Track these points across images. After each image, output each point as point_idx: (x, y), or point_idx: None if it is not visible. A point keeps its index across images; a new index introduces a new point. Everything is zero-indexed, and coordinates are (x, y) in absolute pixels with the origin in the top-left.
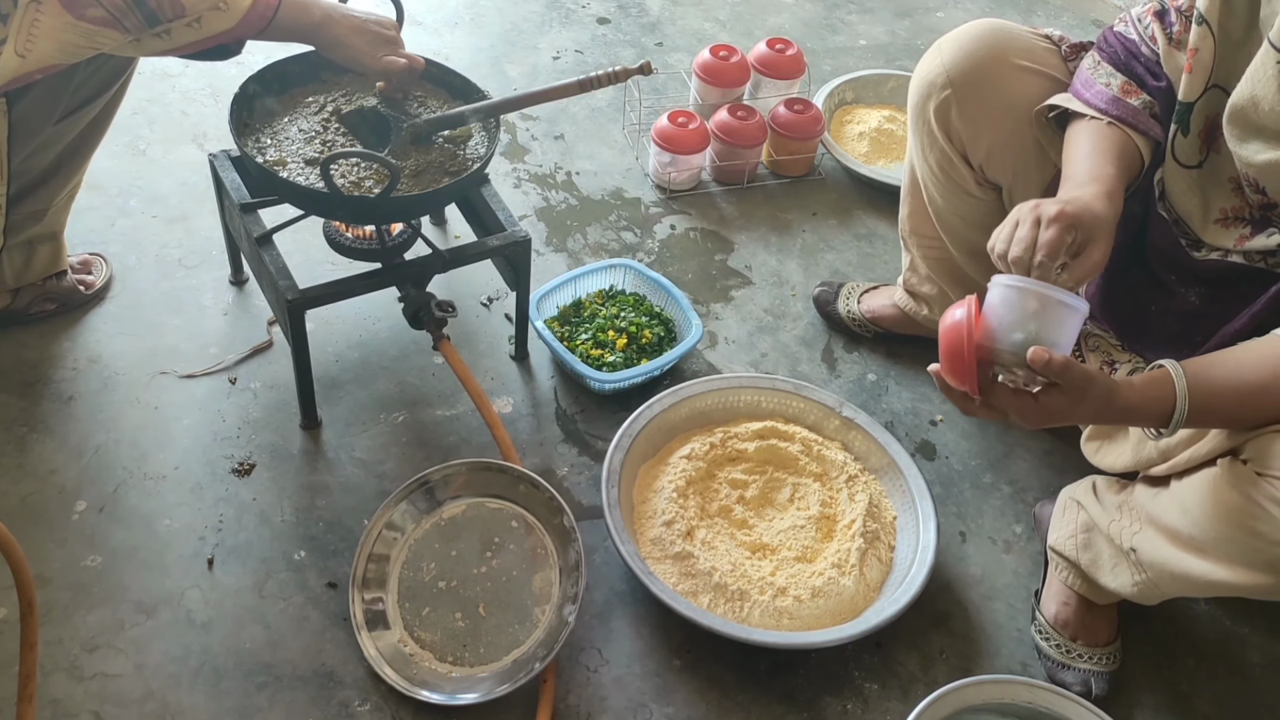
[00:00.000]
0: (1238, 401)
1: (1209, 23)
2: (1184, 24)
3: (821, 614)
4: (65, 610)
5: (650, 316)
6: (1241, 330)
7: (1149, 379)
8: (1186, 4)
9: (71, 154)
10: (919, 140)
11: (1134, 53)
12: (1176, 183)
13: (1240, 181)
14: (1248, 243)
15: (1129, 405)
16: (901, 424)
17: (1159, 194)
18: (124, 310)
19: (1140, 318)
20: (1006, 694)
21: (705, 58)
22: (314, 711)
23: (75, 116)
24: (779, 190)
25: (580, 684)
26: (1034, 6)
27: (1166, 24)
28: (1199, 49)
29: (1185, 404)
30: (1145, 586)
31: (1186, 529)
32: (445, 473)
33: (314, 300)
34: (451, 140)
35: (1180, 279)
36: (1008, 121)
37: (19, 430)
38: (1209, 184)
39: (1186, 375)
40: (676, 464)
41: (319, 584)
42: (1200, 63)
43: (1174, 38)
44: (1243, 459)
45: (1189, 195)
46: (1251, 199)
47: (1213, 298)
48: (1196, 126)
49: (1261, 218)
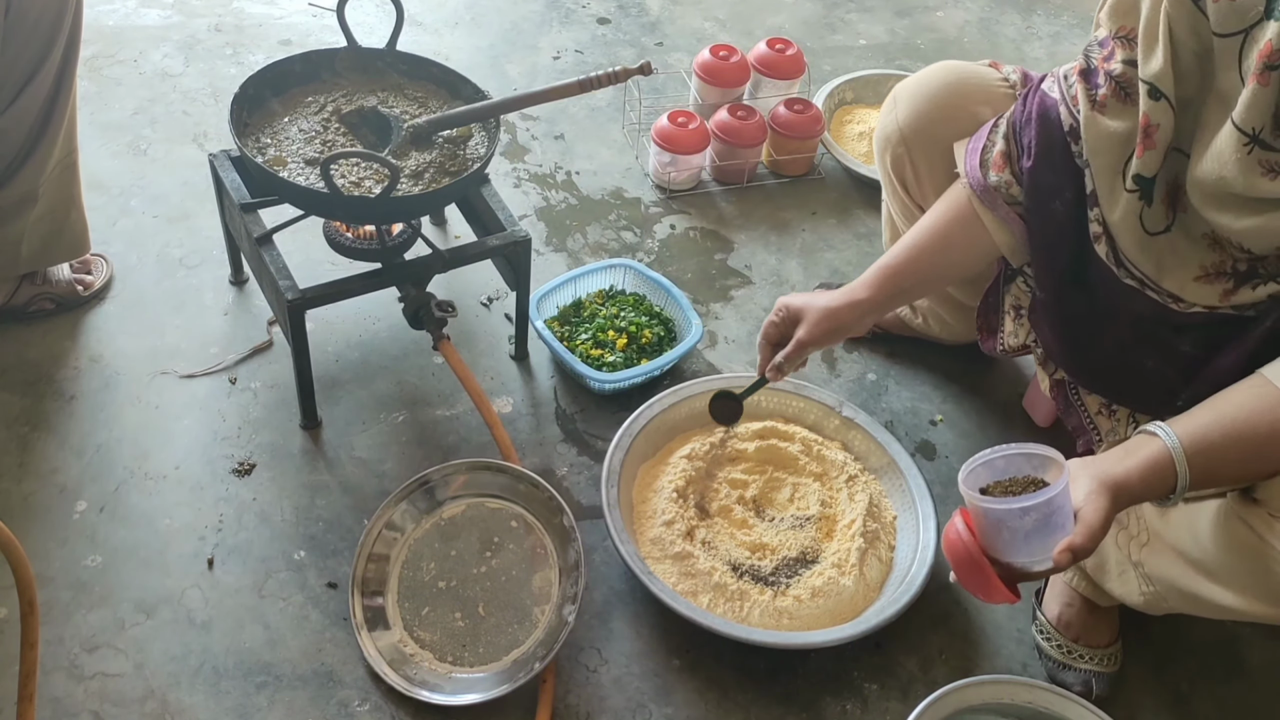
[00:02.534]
0: (1240, 462)
1: (1167, 97)
2: (1112, 88)
3: (821, 614)
4: (65, 610)
5: (650, 316)
6: (1232, 367)
7: (1146, 461)
8: (1120, 70)
9: (43, 127)
10: (884, 185)
11: (1035, 117)
12: (1144, 251)
13: (1215, 237)
14: (1233, 298)
15: (1136, 497)
16: (901, 424)
17: (1115, 264)
18: (125, 310)
19: (1134, 375)
20: (1006, 694)
21: (705, 58)
22: (314, 711)
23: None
24: (779, 190)
25: (580, 684)
26: (1034, 6)
27: (1092, 85)
28: (1160, 124)
29: (1186, 474)
30: (1153, 599)
31: (1196, 553)
32: (445, 473)
33: (314, 300)
34: (451, 140)
35: (1171, 330)
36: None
37: (20, 429)
38: (1181, 244)
39: (1182, 442)
40: (676, 464)
41: (319, 584)
42: (1162, 137)
43: (1098, 101)
44: (1255, 497)
45: (1163, 259)
46: (1236, 254)
47: (1206, 343)
48: (1159, 193)
49: (1248, 270)
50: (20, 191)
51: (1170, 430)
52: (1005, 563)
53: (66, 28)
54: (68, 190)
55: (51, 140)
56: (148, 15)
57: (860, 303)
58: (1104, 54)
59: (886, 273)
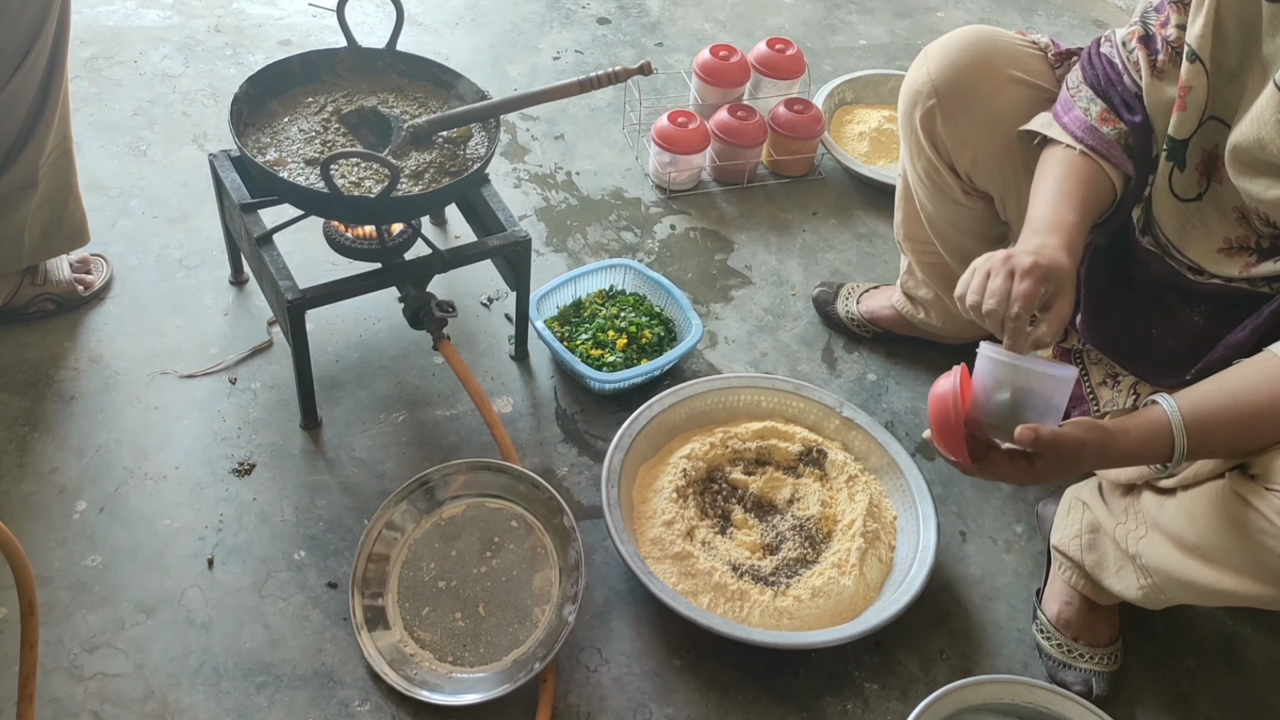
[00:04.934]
0: (1236, 432)
1: (1201, 59)
2: (1169, 54)
3: (821, 614)
4: (65, 610)
5: (650, 316)
6: (1244, 342)
7: (1145, 423)
8: (1174, 35)
9: (40, 110)
10: (908, 147)
11: (1113, 80)
12: (1173, 216)
13: (1244, 211)
14: (1254, 269)
15: (1127, 452)
16: (901, 424)
17: (1140, 228)
18: (125, 310)
19: (1141, 342)
20: (1006, 694)
21: (705, 58)
22: (314, 711)
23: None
24: (779, 190)
25: (580, 684)
26: (1034, 6)
27: (1152, 51)
28: (1193, 86)
29: (1184, 443)
30: (1151, 591)
31: (1193, 538)
32: (445, 473)
33: (314, 300)
34: (451, 140)
35: (1183, 299)
36: (994, 132)
37: (20, 429)
38: (1210, 215)
39: (1182, 411)
40: (676, 464)
41: (319, 584)
42: (1194, 100)
43: (1158, 67)
44: (1251, 474)
45: (1188, 227)
46: (1261, 230)
47: (1217, 316)
48: (1193, 160)
49: (1271, 246)
50: (21, 176)
51: (1173, 401)
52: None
53: (56, 7)
54: (65, 178)
55: (48, 124)
56: (147, 16)
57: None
58: (1160, 19)
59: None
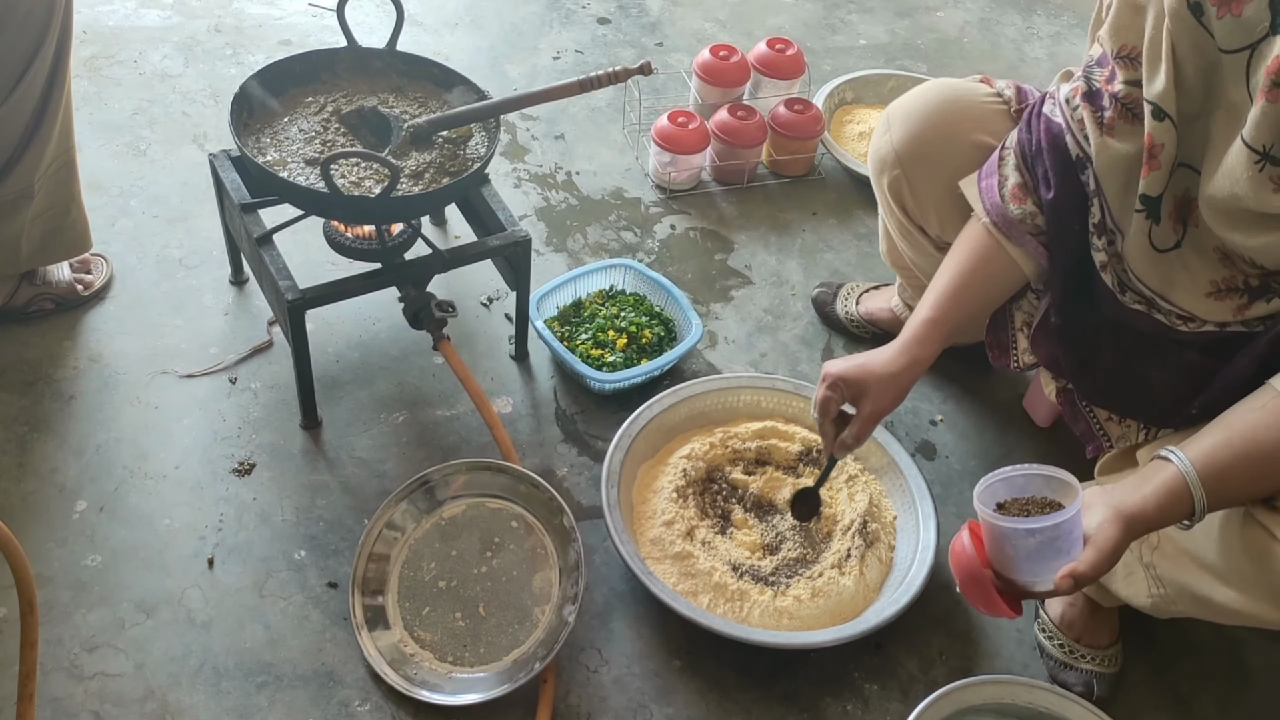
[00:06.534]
0: (1251, 480)
1: (1170, 115)
2: (1118, 110)
3: (821, 614)
4: (65, 610)
5: (650, 316)
6: (1244, 372)
7: (1162, 489)
8: (1124, 91)
9: (37, 124)
10: (881, 206)
11: (1045, 149)
12: (1154, 268)
13: (1226, 251)
14: (1247, 311)
15: (1153, 524)
16: (901, 424)
17: (1117, 290)
18: (125, 310)
19: (1142, 392)
20: (1006, 694)
21: (705, 58)
22: (314, 711)
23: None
24: (779, 190)
25: (580, 684)
26: (1034, 6)
27: (1098, 108)
28: (1164, 144)
29: (1203, 499)
30: (1161, 601)
31: (1211, 557)
32: (445, 473)
33: (314, 300)
34: (451, 140)
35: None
36: (960, 196)
37: (20, 429)
38: (1192, 260)
39: (1195, 466)
40: (676, 464)
41: (319, 584)
42: (1165, 157)
43: (1107, 124)
44: (1274, 505)
45: (1172, 276)
46: (1247, 270)
47: (1213, 351)
48: (1167, 210)
49: (1260, 285)
50: (16, 189)
51: (1184, 455)
52: (1009, 579)
53: (58, 23)
54: (67, 188)
55: (46, 137)
56: (147, 16)
57: (921, 362)
58: (1105, 74)
59: (932, 326)
